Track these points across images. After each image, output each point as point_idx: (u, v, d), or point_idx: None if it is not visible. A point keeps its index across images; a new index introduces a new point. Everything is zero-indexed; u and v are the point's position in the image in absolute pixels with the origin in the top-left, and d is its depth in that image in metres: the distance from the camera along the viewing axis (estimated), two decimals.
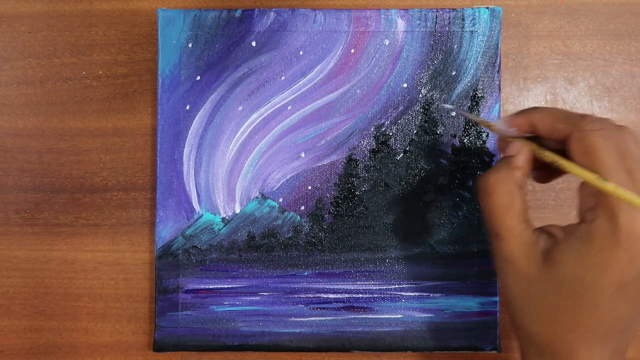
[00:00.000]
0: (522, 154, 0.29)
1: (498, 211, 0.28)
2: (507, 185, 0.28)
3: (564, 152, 0.28)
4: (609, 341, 0.27)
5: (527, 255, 0.28)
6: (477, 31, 0.38)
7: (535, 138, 0.29)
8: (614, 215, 0.25)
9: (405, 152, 0.38)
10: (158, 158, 0.38)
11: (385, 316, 0.37)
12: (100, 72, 0.39)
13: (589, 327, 0.26)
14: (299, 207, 0.38)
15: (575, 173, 0.27)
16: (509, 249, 0.28)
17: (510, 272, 0.28)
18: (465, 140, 0.38)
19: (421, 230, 0.38)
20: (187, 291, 0.38)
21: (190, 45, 0.38)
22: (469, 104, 0.38)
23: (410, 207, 0.38)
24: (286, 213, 0.38)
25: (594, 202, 0.26)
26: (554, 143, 0.28)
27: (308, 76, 0.38)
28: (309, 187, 0.38)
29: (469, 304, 0.37)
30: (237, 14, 0.38)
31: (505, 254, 0.28)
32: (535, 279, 0.27)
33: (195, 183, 0.38)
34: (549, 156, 0.28)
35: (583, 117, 0.27)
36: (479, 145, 0.38)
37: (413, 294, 0.37)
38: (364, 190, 0.38)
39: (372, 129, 0.38)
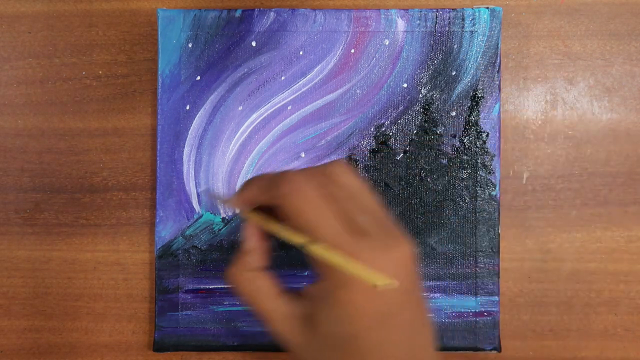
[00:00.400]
0: (250, 235, 0.30)
1: (249, 299, 0.29)
2: (245, 274, 0.29)
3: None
4: None
5: (291, 326, 0.28)
6: (477, 31, 0.38)
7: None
8: (332, 271, 0.26)
9: (405, 152, 0.38)
10: (158, 158, 0.38)
11: None
12: (100, 72, 0.39)
13: None
14: None
15: (285, 237, 0.28)
16: (274, 326, 0.29)
17: (287, 344, 0.29)
18: (465, 140, 0.38)
19: (421, 230, 0.38)
20: (187, 291, 0.38)
21: (190, 45, 0.38)
22: (469, 104, 0.38)
23: (410, 207, 0.38)
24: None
25: (319, 261, 0.27)
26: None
27: (308, 76, 0.38)
28: None
29: (469, 304, 0.37)
30: (237, 14, 0.38)
31: (274, 331, 0.29)
32: (309, 344, 0.28)
33: (195, 183, 0.38)
34: (267, 224, 0.29)
35: (276, 181, 0.28)
36: (479, 145, 0.38)
37: None
38: None
39: (372, 129, 0.38)
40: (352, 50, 0.38)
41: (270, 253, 0.31)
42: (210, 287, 0.38)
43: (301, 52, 0.38)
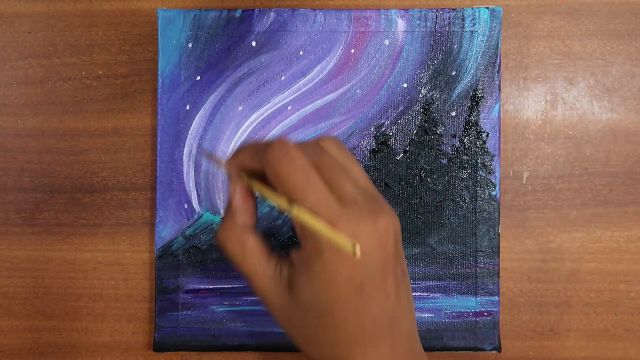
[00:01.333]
0: (237, 194, 0.30)
1: (237, 259, 0.30)
2: (234, 233, 0.30)
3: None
4: (381, 340, 0.27)
5: (275, 290, 0.29)
6: (477, 31, 0.38)
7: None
8: (312, 237, 0.27)
9: (405, 152, 0.38)
10: (158, 158, 0.38)
11: None
12: (100, 72, 0.39)
13: (350, 338, 0.27)
14: None
15: (271, 200, 0.28)
16: (259, 288, 0.29)
17: (269, 307, 0.29)
18: (465, 140, 0.38)
19: (421, 230, 0.38)
20: (187, 291, 0.38)
21: (190, 45, 0.38)
22: (469, 104, 0.38)
23: (410, 207, 0.38)
24: (286, 213, 0.38)
25: (301, 227, 0.27)
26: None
27: (308, 76, 0.38)
28: None
29: (469, 304, 0.37)
30: (237, 14, 0.38)
31: (258, 293, 0.30)
32: (289, 309, 0.28)
33: (195, 183, 0.38)
34: (256, 187, 0.29)
35: (268, 146, 0.28)
36: (479, 145, 0.38)
37: (413, 294, 0.37)
38: None
39: (372, 129, 0.38)
40: (352, 50, 0.38)
41: (256, 211, 0.31)
42: (210, 287, 0.38)
43: (301, 52, 0.38)
